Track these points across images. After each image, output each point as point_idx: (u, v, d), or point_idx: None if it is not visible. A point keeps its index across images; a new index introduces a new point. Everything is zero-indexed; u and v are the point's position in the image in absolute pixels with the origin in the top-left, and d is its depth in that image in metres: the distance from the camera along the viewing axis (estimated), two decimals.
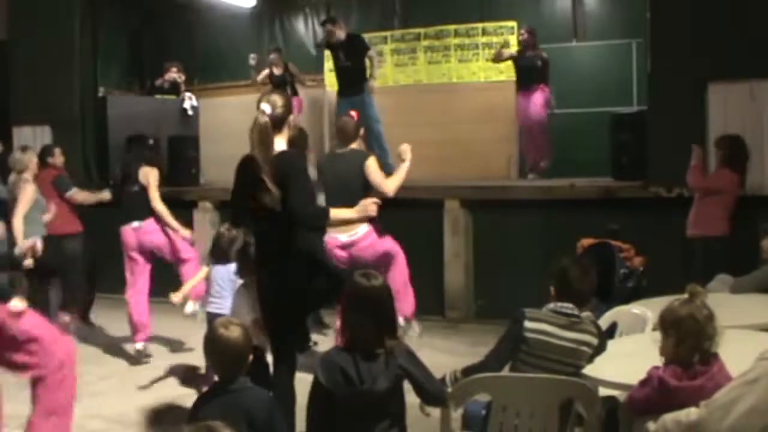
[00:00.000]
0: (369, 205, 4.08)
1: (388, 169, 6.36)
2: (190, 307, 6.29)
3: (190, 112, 10.30)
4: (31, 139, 9.06)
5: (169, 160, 9.34)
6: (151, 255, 6.49)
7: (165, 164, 8.78)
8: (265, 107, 3.82)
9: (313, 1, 11.59)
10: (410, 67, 10.58)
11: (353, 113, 5.87)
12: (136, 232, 6.37)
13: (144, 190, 6.37)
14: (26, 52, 9.30)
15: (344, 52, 8.73)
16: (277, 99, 3.91)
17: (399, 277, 5.75)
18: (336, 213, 4.03)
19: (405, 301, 5.84)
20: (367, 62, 8.72)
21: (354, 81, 8.63)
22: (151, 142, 8.03)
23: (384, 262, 5.65)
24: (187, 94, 10.48)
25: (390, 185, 5.47)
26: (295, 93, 9.80)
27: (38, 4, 9.29)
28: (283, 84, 9.70)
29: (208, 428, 1.98)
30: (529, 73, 9.01)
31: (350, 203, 5.08)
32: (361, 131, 5.86)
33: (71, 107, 9.31)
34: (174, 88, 10.37)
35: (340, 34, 8.81)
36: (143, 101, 10.26)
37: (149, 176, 6.38)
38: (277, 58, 9.96)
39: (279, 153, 3.84)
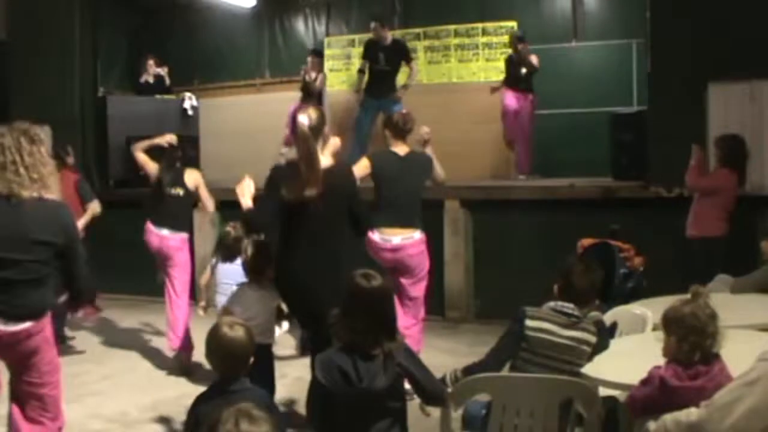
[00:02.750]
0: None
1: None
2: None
3: (190, 112, 10.30)
4: None
5: None
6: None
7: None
8: (303, 118, 4.03)
9: (313, 1, 11.58)
10: None
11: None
12: (162, 240, 6.15)
13: (189, 195, 6.19)
14: (26, 52, 9.31)
15: (385, 55, 8.72)
16: (312, 111, 4.12)
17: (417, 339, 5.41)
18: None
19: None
20: (409, 70, 8.81)
21: (387, 84, 8.71)
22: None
23: (414, 295, 5.42)
24: (187, 94, 10.48)
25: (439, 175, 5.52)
26: (319, 103, 9.74)
27: (38, 4, 9.29)
28: (308, 91, 9.64)
29: (242, 412, 2.03)
30: (516, 78, 9.12)
31: (414, 206, 5.30)
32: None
33: (71, 107, 9.32)
34: (161, 82, 10.30)
35: (386, 35, 8.80)
36: (143, 101, 10.26)
37: (197, 178, 6.24)
38: (313, 62, 9.78)
39: (330, 168, 4.06)
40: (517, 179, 9.02)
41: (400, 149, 5.42)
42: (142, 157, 6.24)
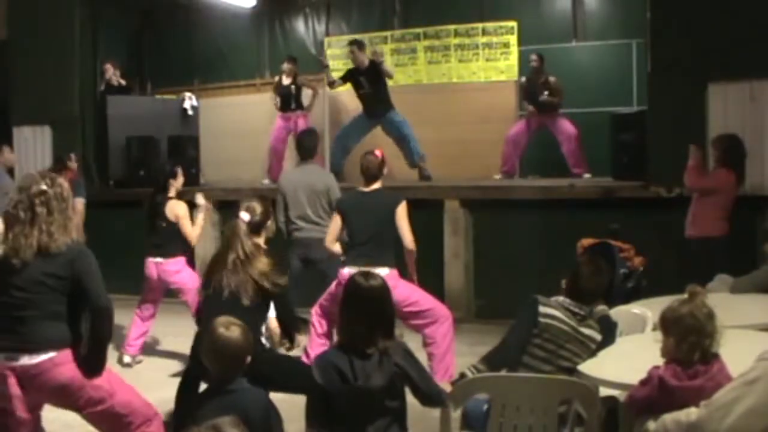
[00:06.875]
0: None
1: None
2: (127, 359, 6.40)
3: (190, 112, 10.29)
4: (31, 139, 9.07)
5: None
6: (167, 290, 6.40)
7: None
8: (244, 216, 4.14)
9: (313, 1, 11.58)
10: (410, 67, 10.56)
11: (377, 152, 5.55)
12: (158, 267, 6.23)
13: (170, 224, 6.20)
14: (26, 52, 9.30)
15: (367, 78, 8.70)
16: (256, 206, 4.25)
17: (440, 339, 5.33)
18: None
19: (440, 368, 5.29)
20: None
21: (377, 105, 8.66)
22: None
23: (413, 313, 5.25)
24: (187, 94, 10.47)
25: (412, 241, 5.19)
26: (300, 107, 9.68)
27: (38, 4, 9.28)
28: (287, 95, 9.60)
29: (214, 428, 1.99)
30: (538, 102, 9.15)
31: (380, 244, 5.06)
32: (385, 171, 5.48)
33: (71, 107, 9.31)
34: (121, 89, 10.14)
35: (363, 59, 8.76)
36: (143, 101, 10.27)
37: (177, 211, 6.22)
38: (289, 68, 9.71)
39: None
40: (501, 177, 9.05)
41: (368, 186, 5.37)
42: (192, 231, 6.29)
